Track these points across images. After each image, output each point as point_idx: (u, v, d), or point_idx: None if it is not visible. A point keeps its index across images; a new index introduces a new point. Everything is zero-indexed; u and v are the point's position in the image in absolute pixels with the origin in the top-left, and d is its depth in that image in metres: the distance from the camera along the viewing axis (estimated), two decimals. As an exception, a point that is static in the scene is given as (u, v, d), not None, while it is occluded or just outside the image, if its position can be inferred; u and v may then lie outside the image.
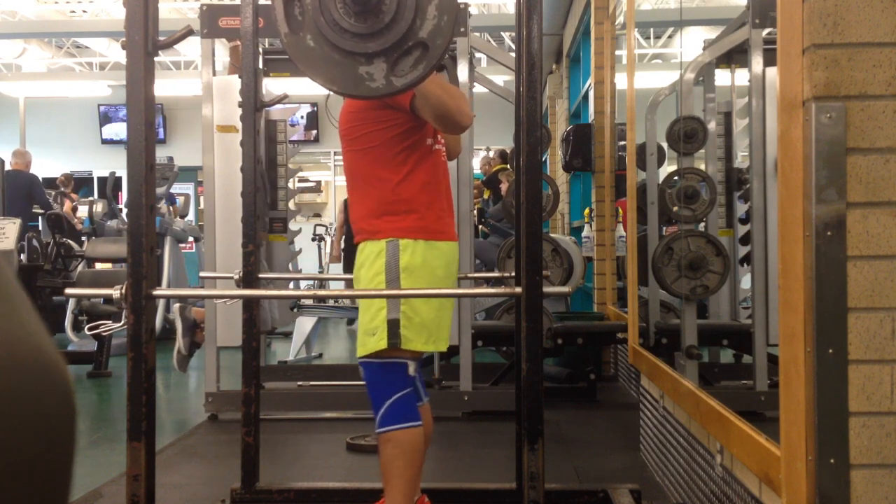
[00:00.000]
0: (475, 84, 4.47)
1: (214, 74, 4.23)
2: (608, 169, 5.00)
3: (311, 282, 7.43)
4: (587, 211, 6.08)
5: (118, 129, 12.87)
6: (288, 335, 6.42)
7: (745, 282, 4.08)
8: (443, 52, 1.63)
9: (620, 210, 5.31)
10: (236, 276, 2.59)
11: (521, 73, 2.01)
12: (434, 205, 2.26)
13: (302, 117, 12.08)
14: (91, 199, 8.68)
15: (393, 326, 2.17)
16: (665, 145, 4.21)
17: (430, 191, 2.26)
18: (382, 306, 2.18)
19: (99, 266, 6.49)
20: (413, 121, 2.17)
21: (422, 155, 2.24)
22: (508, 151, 7.87)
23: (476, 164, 7.39)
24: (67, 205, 8.80)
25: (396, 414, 2.17)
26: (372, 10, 1.59)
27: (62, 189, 9.01)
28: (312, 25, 1.63)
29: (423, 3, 1.61)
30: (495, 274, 3.58)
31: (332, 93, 1.81)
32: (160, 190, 6.50)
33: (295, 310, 5.22)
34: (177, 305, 4.28)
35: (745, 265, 4.10)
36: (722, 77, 4.26)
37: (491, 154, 8.20)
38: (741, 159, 4.22)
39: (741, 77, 4.11)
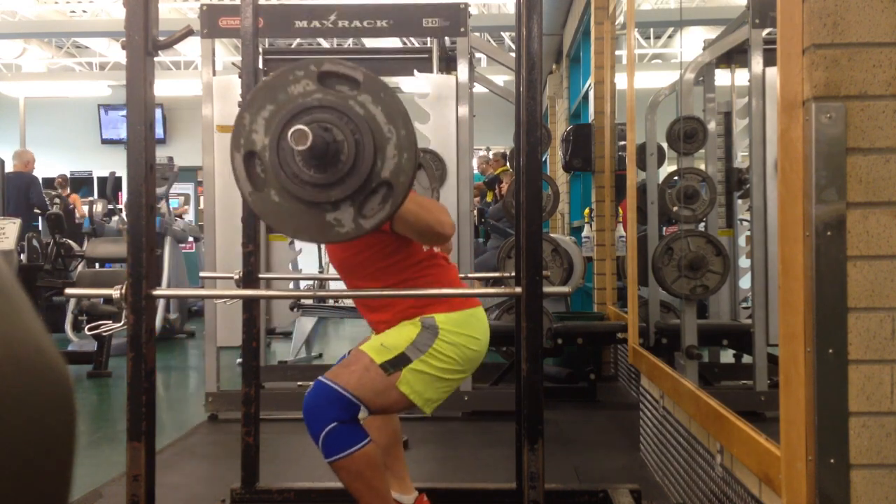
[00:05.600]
0: (475, 84, 4.47)
1: (214, 74, 4.23)
2: (608, 169, 5.00)
3: (310, 282, 7.43)
4: (587, 211, 6.08)
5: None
6: (288, 335, 6.42)
7: (745, 282, 4.08)
8: (407, 188, 1.62)
9: (621, 210, 5.31)
10: (236, 276, 2.59)
11: (521, 73, 2.01)
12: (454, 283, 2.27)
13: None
14: (91, 198, 8.70)
15: (401, 360, 2.09)
16: (665, 145, 4.22)
17: (447, 276, 2.25)
18: (409, 339, 2.12)
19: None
20: (400, 238, 2.15)
21: (425, 258, 2.23)
22: (508, 152, 7.88)
23: (474, 164, 7.39)
24: (74, 198, 8.99)
25: (338, 442, 2.03)
26: (330, 161, 1.59)
27: (59, 191, 9.06)
28: (275, 181, 1.63)
29: (381, 144, 1.60)
30: (495, 274, 3.57)
31: None
32: (160, 190, 6.50)
33: (295, 310, 5.22)
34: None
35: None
36: (722, 77, 4.26)
37: (490, 154, 8.19)
38: (741, 159, 4.23)
39: (741, 77, 4.12)
